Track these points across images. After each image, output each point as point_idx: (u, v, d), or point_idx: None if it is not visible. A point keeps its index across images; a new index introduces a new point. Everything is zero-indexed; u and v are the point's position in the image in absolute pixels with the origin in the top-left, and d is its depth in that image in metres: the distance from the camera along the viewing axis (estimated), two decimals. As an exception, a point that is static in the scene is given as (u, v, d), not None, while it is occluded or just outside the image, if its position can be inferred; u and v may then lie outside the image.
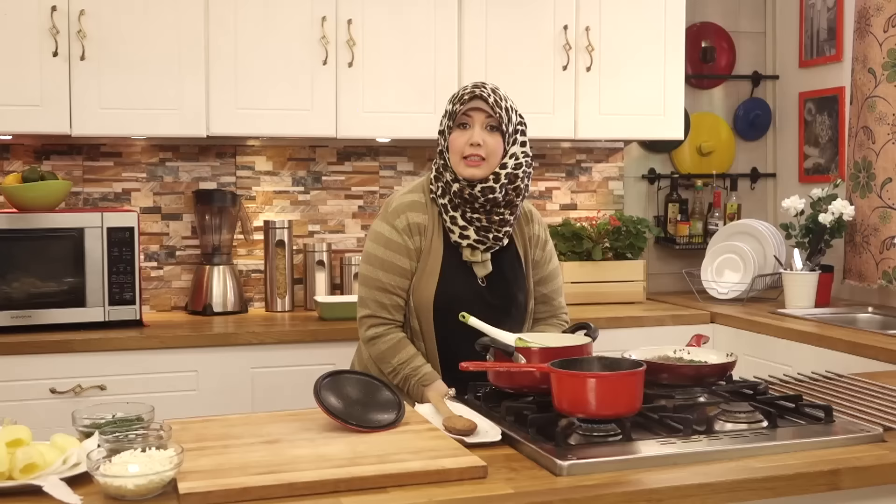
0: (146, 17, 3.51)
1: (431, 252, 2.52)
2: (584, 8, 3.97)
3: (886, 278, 3.83)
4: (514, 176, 2.49)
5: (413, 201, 2.56)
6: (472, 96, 2.47)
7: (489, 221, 2.50)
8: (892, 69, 3.79)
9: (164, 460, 1.59)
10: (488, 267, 2.54)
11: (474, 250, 2.52)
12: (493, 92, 2.49)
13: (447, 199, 2.51)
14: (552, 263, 2.70)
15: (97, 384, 3.25)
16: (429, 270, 2.51)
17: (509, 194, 2.50)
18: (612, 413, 1.82)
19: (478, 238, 2.50)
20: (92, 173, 3.87)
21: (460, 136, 2.48)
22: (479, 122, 2.47)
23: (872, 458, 1.77)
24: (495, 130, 2.47)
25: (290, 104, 3.66)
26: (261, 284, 4.05)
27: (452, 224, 2.51)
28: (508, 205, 2.52)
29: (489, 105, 2.46)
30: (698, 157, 4.64)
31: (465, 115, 2.48)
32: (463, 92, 2.50)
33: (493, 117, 2.46)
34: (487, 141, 2.46)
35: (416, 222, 2.53)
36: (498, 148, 2.48)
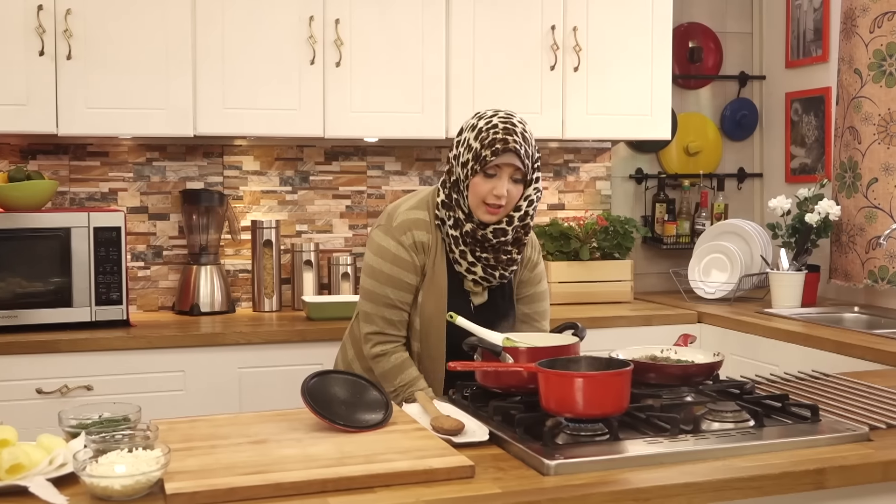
0: (133, 16, 3.50)
1: (436, 273, 2.50)
2: (572, 8, 3.98)
3: (872, 278, 3.85)
4: (526, 215, 2.48)
5: (418, 219, 2.51)
6: (506, 149, 2.38)
7: (497, 261, 2.49)
8: (877, 70, 3.81)
9: (150, 461, 1.59)
10: (484, 297, 2.56)
11: (477, 284, 2.53)
12: (523, 139, 2.41)
13: (458, 233, 2.47)
14: (540, 286, 2.68)
15: (84, 384, 3.24)
16: (437, 292, 2.49)
17: (518, 232, 2.49)
18: (599, 412, 1.82)
19: (484, 276, 2.50)
20: (78, 173, 3.86)
21: (484, 183, 2.40)
22: (507, 174, 2.40)
23: (858, 457, 1.78)
24: (519, 182, 2.43)
25: (278, 104, 3.66)
26: (248, 284, 4.05)
27: (461, 258, 2.49)
28: (516, 242, 2.51)
29: (520, 158, 2.39)
30: (685, 157, 4.65)
31: (494, 166, 2.39)
32: (494, 136, 2.39)
33: (520, 170, 2.42)
34: (511, 192, 2.42)
35: (422, 241, 2.49)
36: (518, 196, 2.44)
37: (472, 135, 2.43)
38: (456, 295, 2.52)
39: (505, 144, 2.38)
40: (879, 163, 3.82)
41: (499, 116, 2.43)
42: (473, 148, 2.41)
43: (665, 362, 2.18)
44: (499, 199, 2.40)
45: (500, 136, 2.38)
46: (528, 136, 2.44)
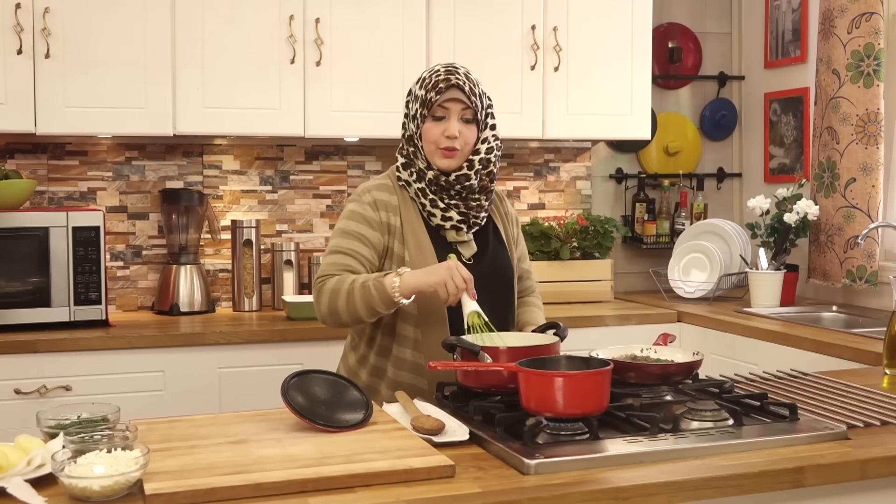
0: (112, 14, 3.48)
1: (416, 231, 2.46)
2: (552, 8, 3.98)
3: (850, 277, 3.87)
4: (487, 161, 2.47)
5: (379, 184, 2.53)
6: (449, 85, 2.40)
7: (467, 208, 2.46)
8: (855, 70, 3.83)
9: (129, 461, 1.58)
10: (473, 247, 2.50)
11: (459, 231, 2.47)
12: (467, 78, 2.43)
13: (423, 184, 2.46)
14: (522, 243, 2.73)
15: (62, 385, 3.22)
16: (424, 248, 2.44)
17: (483, 180, 2.48)
18: (579, 412, 1.83)
19: (460, 219, 2.46)
20: (57, 172, 3.84)
21: (435, 126, 2.42)
22: (456, 114, 2.41)
23: (836, 455, 1.79)
24: (471, 121, 2.44)
25: (258, 103, 3.65)
26: (228, 284, 4.04)
27: (433, 207, 2.45)
28: (483, 190, 2.49)
29: (465, 94, 2.41)
30: (665, 157, 4.67)
31: (441, 106, 2.41)
32: (436, 78, 2.42)
33: (469, 108, 2.42)
34: (463, 132, 2.42)
35: (383, 199, 2.47)
36: (472, 138, 2.44)
37: (418, 86, 2.47)
38: (444, 250, 2.45)
39: (448, 82, 2.40)
40: (857, 163, 3.84)
41: (440, 64, 2.49)
42: (419, 96, 2.45)
43: (645, 361, 2.19)
44: (452, 140, 2.40)
45: (442, 76, 2.42)
46: (474, 78, 2.46)
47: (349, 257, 2.41)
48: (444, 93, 2.41)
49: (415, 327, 2.44)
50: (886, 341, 2.54)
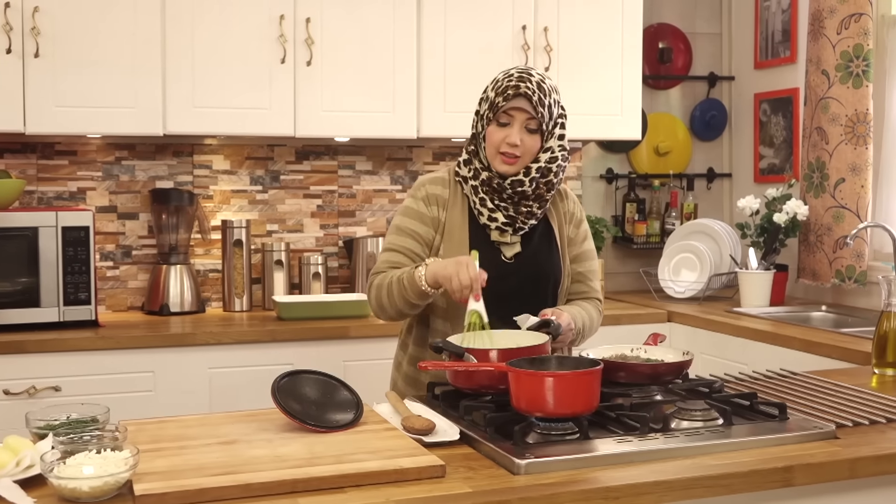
0: (101, 14, 3.47)
1: (456, 227, 2.47)
2: (543, 9, 3.99)
3: (839, 277, 3.88)
4: (548, 170, 2.43)
5: (435, 177, 2.54)
6: (517, 93, 2.37)
7: (516, 212, 2.45)
8: (844, 71, 3.84)
9: (119, 462, 1.58)
10: (517, 247, 2.49)
11: (503, 232, 2.46)
12: (539, 87, 2.39)
13: (477, 182, 2.46)
14: (587, 245, 2.64)
15: (52, 385, 3.21)
16: (456, 244, 2.45)
17: (540, 188, 2.44)
18: (569, 412, 1.83)
19: (506, 221, 2.45)
20: (46, 172, 3.82)
21: (498, 131, 2.40)
22: (520, 122, 2.38)
23: (825, 454, 1.80)
24: (535, 132, 2.41)
25: (248, 103, 3.64)
26: (218, 284, 4.03)
27: (482, 206, 2.45)
28: (538, 199, 2.46)
29: (531, 105, 2.37)
30: (655, 157, 4.67)
31: (507, 112, 2.39)
32: (507, 83, 2.39)
33: (534, 119, 2.39)
34: (525, 141, 2.39)
35: (435, 193, 2.49)
36: (535, 147, 2.41)
37: (491, 86, 2.45)
38: (485, 247, 2.44)
39: (516, 90, 2.37)
40: (846, 163, 3.85)
41: (517, 68, 2.45)
42: (489, 98, 2.43)
43: (635, 361, 2.19)
44: (512, 148, 2.38)
45: (513, 82, 2.39)
46: (547, 87, 2.41)
47: (400, 254, 2.46)
48: (511, 100, 2.38)
49: (444, 320, 2.46)
50: (875, 341, 2.55)
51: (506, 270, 2.45)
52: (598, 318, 2.62)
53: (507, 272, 2.45)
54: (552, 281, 2.54)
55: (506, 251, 2.48)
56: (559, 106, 2.46)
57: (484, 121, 2.44)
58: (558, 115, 2.45)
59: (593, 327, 2.57)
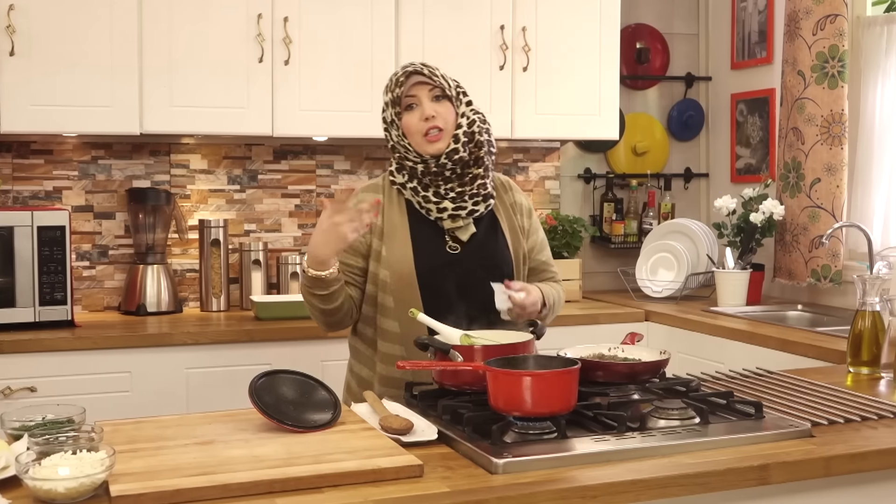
0: (78, 12, 3.45)
1: (396, 227, 2.48)
2: (521, 8, 3.99)
3: (815, 276, 3.91)
4: (472, 134, 2.47)
5: (369, 184, 2.58)
6: (408, 74, 2.46)
7: (462, 185, 2.47)
8: (820, 72, 3.87)
9: (95, 463, 1.57)
10: (472, 228, 2.50)
11: (455, 218, 2.48)
12: (425, 65, 2.49)
13: (416, 183, 2.48)
14: (540, 233, 2.68)
15: (27, 386, 3.19)
16: (400, 244, 2.46)
17: (473, 152, 2.47)
18: (547, 411, 1.83)
19: (455, 205, 2.47)
20: (22, 171, 3.80)
21: (411, 116, 2.45)
22: (425, 96, 2.44)
23: (800, 452, 1.81)
24: (442, 98, 2.46)
25: (226, 102, 3.63)
26: (196, 284, 4.01)
27: (427, 203, 2.47)
28: (477, 162, 2.49)
29: (427, 77, 2.45)
30: (633, 157, 4.69)
31: (409, 95, 2.46)
32: (397, 75, 2.48)
33: (436, 87, 2.45)
34: (439, 111, 2.44)
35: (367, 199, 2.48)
36: (450, 114, 2.45)
37: (384, 93, 2.52)
38: (427, 239, 2.47)
39: (406, 73, 2.46)
40: (822, 163, 3.88)
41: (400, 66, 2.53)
42: (387, 100, 2.50)
43: (612, 360, 2.19)
44: (432, 121, 2.42)
45: (400, 71, 2.48)
46: (432, 65, 2.51)
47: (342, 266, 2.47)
48: (406, 83, 2.45)
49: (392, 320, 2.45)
50: (850, 340, 2.56)
51: (454, 258, 2.46)
52: (562, 300, 2.66)
53: (455, 260, 2.47)
54: (500, 270, 2.53)
55: (461, 236, 2.49)
56: (453, 80, 2.54)
57: (395, 119, 2.48)
58: (456, 85, 2.53)
59: (560, 304, 2.62)
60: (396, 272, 2.44)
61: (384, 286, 2.46)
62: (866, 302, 2.53)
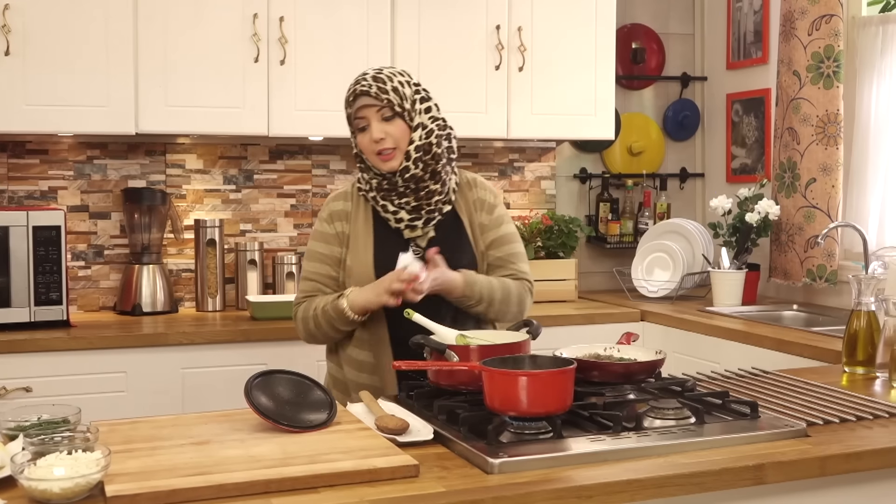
0: (73, 11, 3.45)
1: (360, 235, 2.52)
2: (517, 8, 4.00)
3: (811, 276, 3.91)
4: (429, 145, 2.45)
5: (338, 193, 2.63)
6: (355, 95, 2.45)
7: (417, 199, 2.48)
8: (815, 72, 3.87)
9: (90, 463, 1.57)
10: (430, 234, 2.52)
11: (413, 228, 2.50)
12: (375, 79, 2.43)
13: (375, 192, 2.51)
14: (504, 228, 2.62)
15: (23, 386, 3.18)
16: (361, 250, 2.50)
17: (429, 165, 2.46)
18: (543, 411, 1.83)
19: (410, 217, 2.49)
20: (17, 171, 3.79)
21: (363, 136, 2.46)
22: (374, 118, 2.43)
23: (796, 452, 1.81)
24: (393, 118, 2.44)
25: (222, 102, 3.63)
26: (191, 284, 4.01)
27: (385, 212, 2.50)
28: (433, 175, 2.47)
29: (373, 97, 2.42)
30: (629, 157, 4.69)
31: (358, 117, 2.45)
32: (347, 93, 2.48)
33: (384, 107, 2.43)
34: (389, 131, 2.43)
35: (337, 210, 2.57)
36: (401, 131, 2.44)
37: (344, 104, 2.52)
38: (389, 245, 2.48)
39: (354, 93, 2.45)
40: (817, 163, 3.88)
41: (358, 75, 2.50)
42: (346, 114, 2.51)
43: (608, 360, 2.20)
44: (379, 143, 2.42)
45: (350, 89, 2.47)
46: (386, 75, 2.45)
47: (313, 282, 2.54)
48: (355, 104, 2.46)
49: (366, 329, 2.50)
50: (846, 340, 2.57)
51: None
52: (521, 295, 2.59)
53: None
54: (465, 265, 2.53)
55: (420, 242, 2.52)
56: (411, 85, 2.48)
57: (352, 136, 2.51)
58: (413, 92, 2.48)
59: (510, 300, 2.55)
60: (356, 280, 2.49)
61: None
62: (862, 302, 2.53)
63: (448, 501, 1.56)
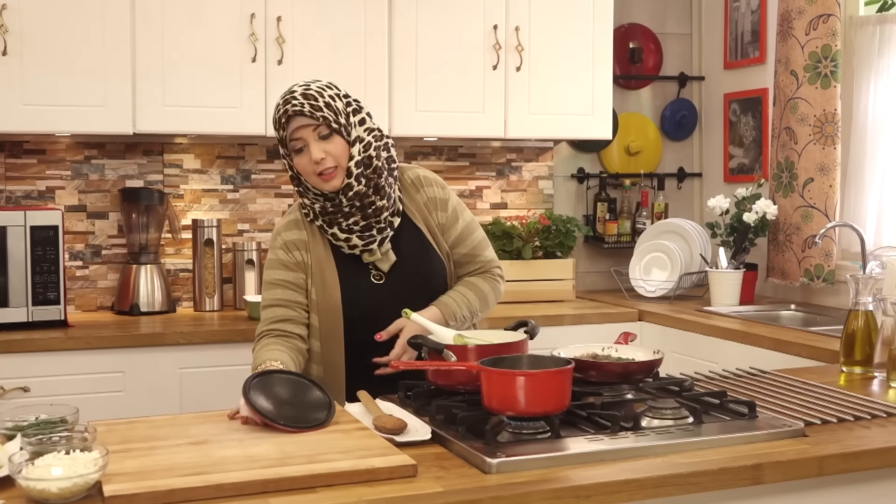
0: (70, 11, 3.44)
1: (322, 264, 2.42)
2: (514, 8, 4.00)
3: (808, 276, 3.91)
4: (368, 158, 2.36)
5: (287, 222, 2.48)
6: (287, 116, 2.31)
7: (365, 218, 2.38)
8: (813, 71, 3.87)
9: (88, 463, 1.57)
10: (391, 257, 2.43)
11: (371, 252, 2.41)
12: (304, 96, 2.31)
13: (319, 221, 2.41)
14: (462, 220, 2.54)
15: (20, 386, 3.18)
16: (328, 285, 2.40)
17: (371, 179, 2.37)
18: (540, 411, 1.84)
19: (364, 241, 2.40)
20: (14, 171, 3.79)
21: (301, 158, 2.33)
22: (311, 138, 2.31)
23: (794, 452, 1.81)
24: (330, 135, 2.32)
25: (219, 101, 3.63)
26: (189, 284, 4.01)
27: (336, 241, 2.41)
28: (377, 190, 2.38)
29: (308, 116, 2.30)
30: (626, 157, 4.69)
31: (294, 139, 2.32)
32: (277, 115, 2.34)
33: (320, 125, 2.31)
34: (328, 150, 2.31)
35: (292, 239, 2.44)
36: (340, 149, 2.33)
37: (273, 127, 2.40)
38: (353, 276, 2.42)
39: (286, 114, 2.31)
40: (815, 163, 3.88)
41: (282, 94, 2.37)
42: (277, 137, 2.39)
43: (606, 360, 2.20)
44: (321, 164, 2.31)
45: (280, 111, 2.33)
46: (315, 90, 2.33)
47: (277, 308, 2.41)
48: (289, 125, 2.33)
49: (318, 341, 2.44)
50: (843, 339, 2.57)
51: (378, 289, 2.42)
52: (494, 290, 2.56)
53: (381, 290, 2.43)
54: (438, 278, 2.50)
55: (382, 266, 2.43)
56: (341, 98, 2.38)
57: (288, 159, 2.40)
58: (345, 105, 2.38)
59: (487, 302, 2.53)
60: (325, 318, 2.41)
61: (314, 331, 2.44)
62: (859, 301, 2.53)
63: (446, 501, 1.56)
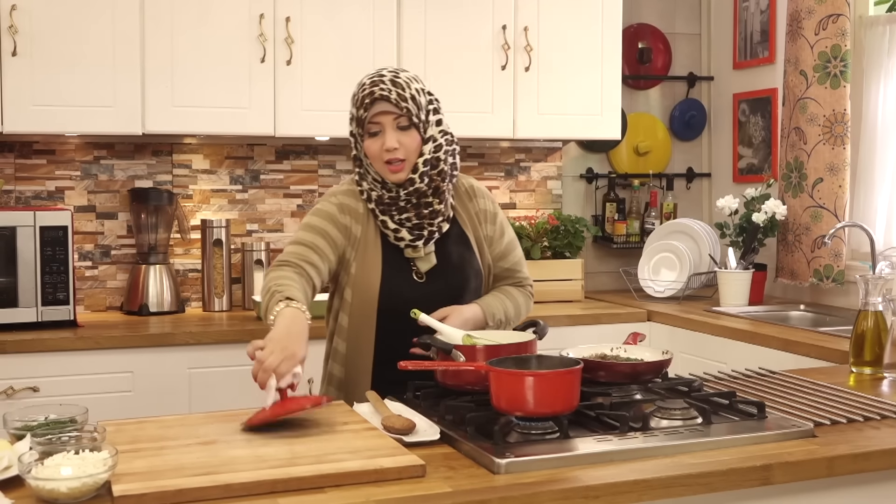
0: (80, 12, 3.45)
1: (369, 245, 2.41)
2: (523, 8, 3.99)
3: (818, 276, 3.90)
4: (436, 160, 2.38)
5: (347, 189, 2.47)
6: (374, 99, 2.31)
7: (419, 217, 2.39)
8: (822, 71, 3.86)
9: (97, 462, 1.57)
10: (432, 260, 2.44)
11: (415, 248, 2.42)
12: (393, 84, 2.33)
13: (373, 205, 2.41)
14: (507, 235, 2.58)
15: (30, 386, 3.19)
16: (370, 265, 2.40)
17: (434, 180, 2.38)
18: (549, 411, 1.83)
19: (412, 237, 2.40)
20: (24, 171, 3.80)
21: (374, 142, 2.34)
22: (389, 125, 2.32)
23: (803, 452, 1.81)
24: (409, 127, 2.34)
25: (228, 102, 3.63)
26: (198, 284, 4.01)
27: (385, 228, 2.41)
28: (436, 192, 2.40)
29: (392, 104, 2.31)
30: (635, 157, 4.69)
31: (373, 122, 2.33)
32: (362, 93, 2.34)
33: (402, 116, 2.32)
34: (403, 141, 2.32)
35: (348, 204, 2.42)
36: (415, 143, 2.34)
37: (352, 103, 2.39)
38: (399, 266, 2.42)
39: (372, 96, 2.31)
40: (824, 163, 3.87)
41: (369, 75, 2.38)
42: (353, 114, 2.38)
43: (615, 360, 2.19)
44: (393, 153, 2.32)
45: (367, 90, 2.33)
46: (403, 80, 2.35)
47: (309, 249, 2.35)
48: (371, 108, 2.33)
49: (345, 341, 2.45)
50: (853, 340, 2.56)
51: (419, 287, 2.43)
52: (527, 304, 2.61)
53: (421, 289, 2.43)
54: (473, 287, 2.50)
55: (421, 266, 2.44)
56: (425, 93, 2.39)
57: (359, 139, 2.39)
58: (427, 102, 2.39)
59: (520, 312, 2.58)
60: (357, 298, 2.40)
61: (341, 331, 2.44)
62: (869, 302, 2.53)
63: (455, 501, 1.56)
